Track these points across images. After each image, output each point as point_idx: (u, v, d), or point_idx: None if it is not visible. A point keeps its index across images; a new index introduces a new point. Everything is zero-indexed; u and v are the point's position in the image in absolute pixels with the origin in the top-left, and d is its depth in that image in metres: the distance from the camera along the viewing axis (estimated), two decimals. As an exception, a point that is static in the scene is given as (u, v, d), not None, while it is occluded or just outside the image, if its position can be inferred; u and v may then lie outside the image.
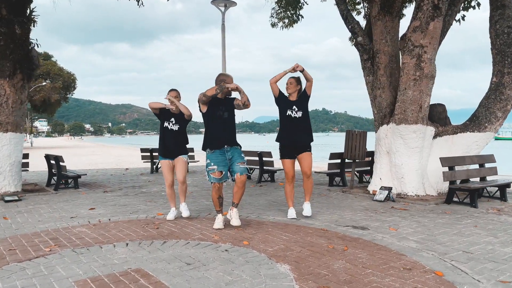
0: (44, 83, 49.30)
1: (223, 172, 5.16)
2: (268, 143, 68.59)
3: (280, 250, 4.27)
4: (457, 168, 7.13)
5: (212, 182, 5.20)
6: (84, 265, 3.83)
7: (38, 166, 14.79)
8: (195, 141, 12.64)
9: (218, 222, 5.27)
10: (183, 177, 5.82)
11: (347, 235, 4.87)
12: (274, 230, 5.13)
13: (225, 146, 5.16)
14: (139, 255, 4.13)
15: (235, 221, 5.25)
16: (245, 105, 5.22)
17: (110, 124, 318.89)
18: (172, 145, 5.78)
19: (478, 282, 3.36)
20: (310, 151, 5.83)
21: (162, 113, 5.83)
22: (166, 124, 5.78)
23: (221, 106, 5.23)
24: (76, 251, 4.31)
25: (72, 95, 58.47)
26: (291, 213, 5.90)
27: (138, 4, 11.30)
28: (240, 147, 5.36)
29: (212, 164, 5.16)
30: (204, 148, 5.28)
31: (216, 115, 5.21)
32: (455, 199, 6.96)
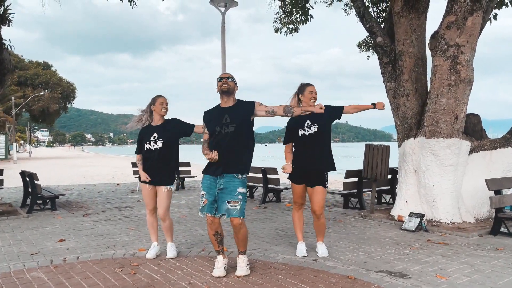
0: (42, 93, 48.49)
1: (208, 201, 3.90)
2: (270, 153, 67.37)
3: (297, 316, 3.06)
4: (504, 191, 5.93)
5: (202, 213, 3.98)
6: None
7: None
8: (195, 151, 11.47)
9: (219, 268, 4.01)
10: (163, 212, 4.54)
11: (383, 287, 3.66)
12: (285, 278, 3.92)
13: (219, 173, 3.87)
14: (99, 326, 2.93)
15: (240, 271, 4.01)
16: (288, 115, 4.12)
17: (111, 134, 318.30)
18: (154, 168, 4.51)
19: None
20: (323, 184, 4.56)
21: (141, 134, 4.64)
22: (146, 146, 4.53)
23: (225, 117, 3.91)
24: (14, 316, 3.11)
25: (71, 104, 57.69)
26: (301, 249, 4.70)
27: (131, 5, 10.24)
28: (243, 173, 3.94)
29: (201, 188, 3.98)
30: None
31: (215, 132, 3.92)
32: (502, 228, 5.75)
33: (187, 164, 11.90)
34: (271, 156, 49.68)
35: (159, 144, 4.48)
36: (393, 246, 5.17)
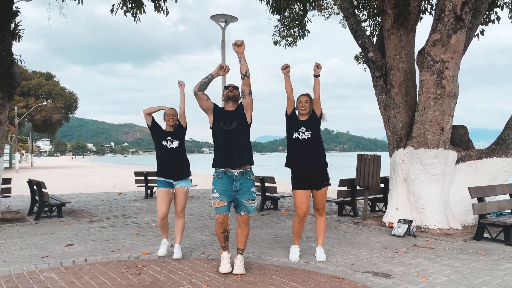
0: (45, 103, 48.95)
1: (226, 203, 4.36)
2: (271, 162, 67.60)
3: (287, 309, 3.40)
4: (487, 199, 6.27)
5: (214, 214, 4.41)
6: (35, 334, 2.98)
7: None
8: (197, 160, 11.83)
9: (225, 264, 4.44)
10: (181, 210, 5.12)
11: (368, 286, 4.00)
12: (278, 278, 4.26)
13: (232, 169, 4.35)
14: (109, 318, 3.27)
15: (237, 269, 4.40)
16: (246, 76, 4.43)
17: (112, 144, 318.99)
18: (175, 164, 5.11)
19: None
20: (328, 183, 4.99)
21: (156, 130, 5.17)
22: (164, 142, 5.08)
23: (229, 118, 4.42)
24: (32, 309, 3.45)
25: (73, 114, 58.12)
26: (294, 253, 5.03)
27: (134, 20, 10.69)
28: (253, 173, 4.53)
29: (215, 191, 4.39)
30: (213, 165, 4.49)
31: (221, 128, 4.41)
32: (485, 234, 6.08)
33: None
34: (271, 165, 49.98)
35: (176, 144, 5.07)
36: (381, 250, 5.50)
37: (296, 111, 5.01)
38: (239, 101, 4.55)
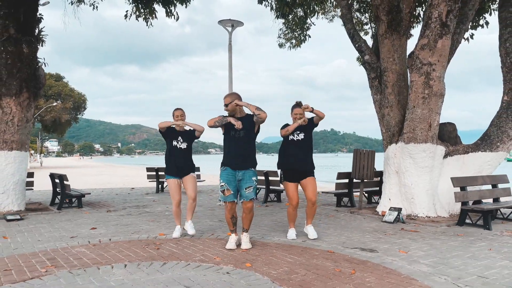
0: (55, 104, 49.92)
1: (232, 192, 5.05)
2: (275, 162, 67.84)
3: (284, 273, 4.07)
4: (469, 188, 6.89)
5: (222, 201, 5.10)
6: (80, 287, 3.68)
7: (44, 186, 14.74)
8: (203, 161, 12.57)
9: (231, 242, 5.16)
10: (195, 194, 5.80)
11: (355, 258, 4.66)
12: (278, 252, 4.94)
13: (239, 168, 5.05)
14: (137, 277, 3.96)
15: (245, 245, 5.14)
16: (259, 116, 5.01)
17: (119, 144, 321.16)
18: (182, 164, 5.79)
19: (495, 309, 3.14)
20: (313, 175, 5.68)
21: (169, 132, 5.82)
22: (174, 143, 5.76)
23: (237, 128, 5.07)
24: (72, 272, 4.16)
25: (82, 115, 59.13)
26: (291, 233, 5.74)
27: (147, 25, 11.42)
28: (255, 166, 5.21)
29: (222, 182, 5.09)
30: (221, 165, 5.20)
31: (230, 135, 5.11)
32: (467, 221, 6.71)
33: (197, 169, 12.93)
34: (275, 159, 50.35)
35: (184, 145, 5.75)
36: (371, 233, 6.16)
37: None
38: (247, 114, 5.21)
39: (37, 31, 9.10)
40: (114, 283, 3.80)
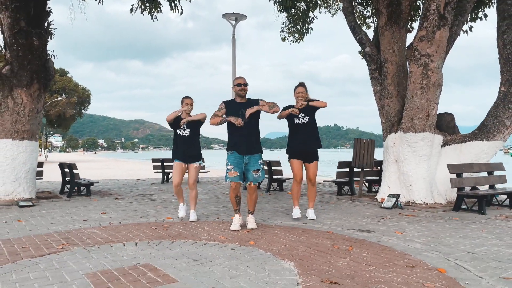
0: (59, 98, 50.27)
1: (238, 173, 5.33)
2: (279, 157, 68.35)
3: (285, 249, 4.33)
4: (465, 175, 7.12)
5: (228, 181, 5.39)
6: (95, 261, 3.95)
7: (51, 178, 15.08)
8: (207, 156, 12.86)
9: (235, 224, 5.44)
10: (193, 182, 6.10)
11: (353, 237, 4.92)
12: (280, 232, 5.20)
13: (245, 153, 5.32)
14: (148, 253, 4.23)
15: (251, 225, 5.44)
16: (274, 113, 5.42)
17: (123, 140, 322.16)
18: (186, 149, 6.08)
19: (480, 278, 3.38)
20: (317, 159, 5.98)
21: (176, 123, 6.12)
22: (178, 131, 6.09)
23: (241, 110, 5.34)
24: (87, 248, 4.43)
25: (86, 110, 59.55)
26: (296, 212, 6.04)
27: (152, 19, 11.66)
28: (262, 152, 5.49)
29: (229, 164, 5.36)
30: (227, 149, 5.49)
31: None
32: (463, 206, 6.95)
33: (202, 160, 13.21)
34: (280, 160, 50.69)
35: (187, 132, 6.04)
36: (370, 217, 6.41)
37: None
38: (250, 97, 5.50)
39: (46, 24, 9.34)
40: (127, 257, 4.07)
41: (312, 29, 11.82)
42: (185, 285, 3.22)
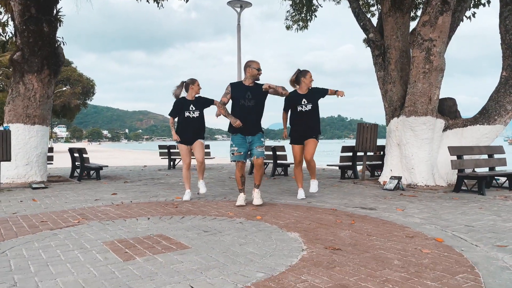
0: (64, 89, 50.55)
1: (242, 153, 5.60)
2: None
3: (291, 223, 4.55)
4: (465, 157, 7.29)
5: (234, 161, 5.66)
6: (111, 232, 4.18)
7: (60, 164, 15.37)
8: (211, 146, 13.10)
9: (240, 200, 5.70)
10: (202, 158, 6.29)
11: (355, 214, 5.13)
12: (285, 209, 5.42)
13: (248, 134, 5.58)
14: (160, 225, 4.46)
15: (257, 201, 5.67)
16: (284, 95, 5.72)
17: (127, 130, 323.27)
18: (191, 133, 6.22)
19: (475, 246, 3.59)
20: (316, 138, 6.16)
21: (180, 104, 6.23)
22: (187, 113, 6.17)
23: (247, 93, 5.55)
24: (102, 222, 4.67)
25: (91, 100, 59.83)
26: (301, 193, 6.29)
27: (158, 7, 11.81)
28: (263, 132, 5.75)
29: (234, 145, 5.62)
30: (228, 130, 5.71)
31: (239, 103, 5.57)
32: (463, 187, 7.13)
33: (207, 147, 13.42)
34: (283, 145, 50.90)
35: (196, 113, 6.17)
36: (372, 197, 6.62)
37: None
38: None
39: (55, 11, 9.52)
40: (141, 229, 4.30)
41: (316, 16, 11.92)
42: (198, 250, 3.45)
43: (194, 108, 6.18)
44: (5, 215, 5.18)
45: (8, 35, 10.12)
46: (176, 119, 6.23)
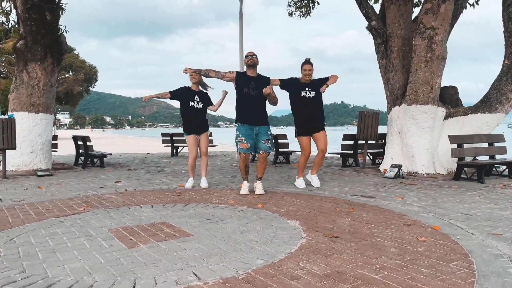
0: (67, 75, 50.55)
1: (249, 145, 5.63)
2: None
3: (291, 211, 4.64)
4: (466, 146, 7.34)
5: (239, 152, 5.70)
6: (115, 219, 4.29)
7: (63, 151, 15.50)
8: (214, 133, 13.17)
9: (244, 189, 5.81)
10: (206, 149, 6.45)
11: (355, 202, 5.22)
12: (286, 197, 5.51)
13: (255, 124, 5.64)
14: (164, 213, 4.57)
15: (258, 191, 5.77)
16: (273, 104, 5.78)
17: (130, 117, 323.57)
18: (199, 122, 6.38)
19: (471, 234, 3.67)
20: (324, 129, 6.24)
21: (181, 95, 6.35)
22: (191, 103, 6.28)
23: (251, 83, 5.61)
24: (107, 210, 4.78)
25: (93, 87, 59.82)
26: (301, 183, 6.36)
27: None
28: (268, 124, 5.81)
29: (240, 136, 5.65)
30: (236, 121, 5.76)
31: (244, 92, 5.63)
32: (463, 176, 7.20)
33: (210, 135, 13.51)
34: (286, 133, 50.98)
35: (201, 105, 6.32)
36: (373, 185, 6.70)
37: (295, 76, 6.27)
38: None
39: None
40: (144, 217, 4.41)
41: (318, 3, 11.87)
42: (200, 238, 3.55)
43: (198, 100, 6.30)
44: (12, 203, 5.30)
45: (11, 24, 10.14)
46: (173, 103, 6.43)
